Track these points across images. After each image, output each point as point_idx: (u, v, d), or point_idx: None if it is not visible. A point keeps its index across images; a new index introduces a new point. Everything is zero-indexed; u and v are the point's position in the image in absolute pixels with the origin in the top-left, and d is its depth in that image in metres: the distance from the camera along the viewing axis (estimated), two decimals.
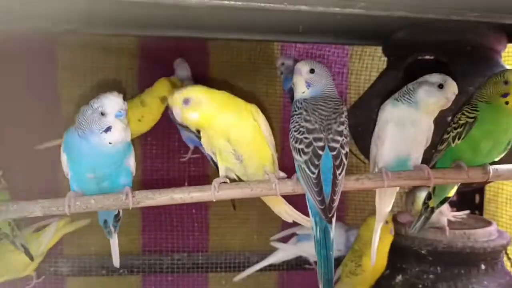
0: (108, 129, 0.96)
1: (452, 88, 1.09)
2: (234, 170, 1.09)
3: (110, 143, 0.97)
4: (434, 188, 1.25)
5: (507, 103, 1.09)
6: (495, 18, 0.97)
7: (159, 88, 1.52)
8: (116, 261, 1.22)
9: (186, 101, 0.99)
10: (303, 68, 1.09)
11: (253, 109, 1.05)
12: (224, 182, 1.06)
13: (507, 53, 1.77)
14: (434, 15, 0.95)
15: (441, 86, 1.09)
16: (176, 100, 1.00)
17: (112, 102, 0.95)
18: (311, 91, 1.08)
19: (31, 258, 1.34)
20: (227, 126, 1.02)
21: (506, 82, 1.09)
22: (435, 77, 1.11)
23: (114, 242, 1.21)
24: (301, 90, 1.09)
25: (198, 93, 1.00)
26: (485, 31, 1.42)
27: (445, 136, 1.19)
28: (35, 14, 1.47)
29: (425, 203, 1.28)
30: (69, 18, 1.52)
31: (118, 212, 1.16)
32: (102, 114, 0.95)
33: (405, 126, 1.11)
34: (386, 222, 1.47)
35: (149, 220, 1.80)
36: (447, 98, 1.09)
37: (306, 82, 1.08)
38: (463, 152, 1.15)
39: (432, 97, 1.10)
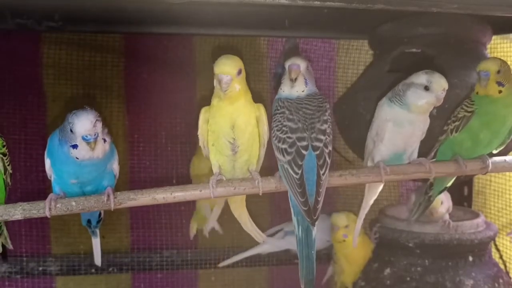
0: (74, 146, 0.94)
1: (439, 87, 1.07)
2: (222, 166, 1.06)
3: (77, 158, 0.95)
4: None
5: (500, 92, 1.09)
6: (474, 9, 0.96)
7: None
8: (97, 260, 1.23)
9: (239, 71, 0.96)
10: (302, 63, 1.02)
11: (260, 106, 1.04)
12: (219, 180, 1.04)
13: (493, 45, 1.77)
14: (413, 7, 0.95)
15: (427, 88, 1.07)
16: (233, 69, 0.95)
17: (81, 124, 0.92)
18: (308, 89, 1.04)
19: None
20: (238, 110, 1.00)
21: (478, 73, 1.12)
22: (421, 78, 1.08)
23: (97, 242, 1.22)
24: (301, 88, 1.03)
25: (242, 67, 0.98)
26: (470, 24, 1.42)
27: (445, 127, 1.19)
28: (19, 11, 1.46)
29: (426, 193, 1.30)
30: (53, 15, 1.51)
31: (100, 212, 1.16)
32: (71, 131, 0.93)
33: (403, 126, 1.11)
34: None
35: (138, 217, 1.80)
36: (436, 97, 1.08)
37: (305, 79, 1.03)
38: (463, 142, 1.16)
39: (420, 99, 1.08)
